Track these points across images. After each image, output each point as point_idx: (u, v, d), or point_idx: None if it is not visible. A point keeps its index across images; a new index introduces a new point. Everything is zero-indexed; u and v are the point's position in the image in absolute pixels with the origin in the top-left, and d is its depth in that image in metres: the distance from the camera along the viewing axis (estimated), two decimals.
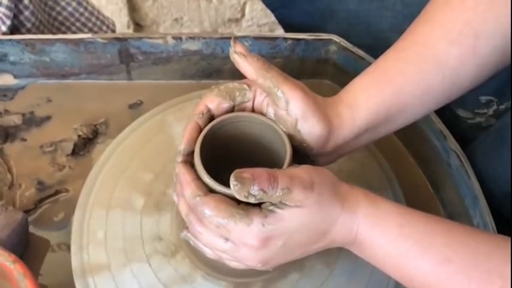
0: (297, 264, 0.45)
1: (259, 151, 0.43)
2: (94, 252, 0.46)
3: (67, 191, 0.54)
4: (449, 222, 0.38)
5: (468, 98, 0.57)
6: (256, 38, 0.60)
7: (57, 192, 0.54)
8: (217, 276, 0.45)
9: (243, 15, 1.27)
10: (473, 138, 0.56)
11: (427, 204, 0.55)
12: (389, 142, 0.59)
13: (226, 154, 0.42)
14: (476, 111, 0.60)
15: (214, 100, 0.41)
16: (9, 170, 0.55)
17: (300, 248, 0.38)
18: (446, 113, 0.58)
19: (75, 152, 0.57)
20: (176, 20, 1.26)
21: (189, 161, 0.40)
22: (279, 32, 0.99)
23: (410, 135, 0.58)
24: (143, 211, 0.48)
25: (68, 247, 0.48)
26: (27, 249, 0.49)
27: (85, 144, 0.57)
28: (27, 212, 0.51)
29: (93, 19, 0.73)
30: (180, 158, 0.40)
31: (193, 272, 0.45)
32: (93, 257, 0.46)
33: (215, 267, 0.45)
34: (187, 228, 0.40)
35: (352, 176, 0.52)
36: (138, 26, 1.26)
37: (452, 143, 0.53)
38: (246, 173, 0.35)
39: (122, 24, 1.22)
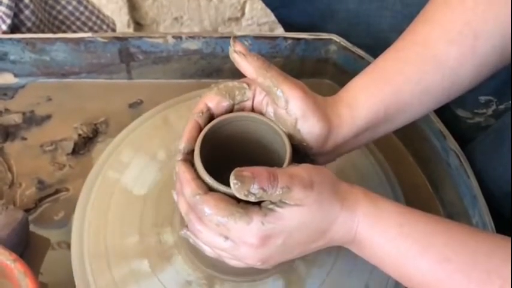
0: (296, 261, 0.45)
1: (259, 151, 0.43)
2: None
3: (67, 190, 0.54)
4: (449, 221, 0.38)
5: (467, 98, 0.58)
6: (256, 38, 0.60)
7: (57, 191, 0.54)
8: (261, 276, 0.44)
9: (243, 14, 1.27)
10: (473, 138, 0.56)
11: (427, 204, 0.55)
12: (389, 142, 0.59)
13: (226, 154, 0.42)
14: (476, 111, 0.60)
15: (213, 99, 0.41)
16: (10, 169, 0.55)
17: (299, 246, 0.38)
18: (445, 112, 0.58)
19: (75, 151, 0.57)
20: (176, 19, 1.26)
21: (188, 160, 0.40)
22: (279, 31, 0.99)
23: (410, 135, 0.58)
24: (154, 271, 0.45)
25: (68, 245, 0.48)
26: (27, 248, 0.49)
27: (85, 143, 0.58)
28: (27, 211, 0.51)
29: (94, 18, 0.73)
30: (179, 157, 0.40)
31: (169, 229, 0.45)
32: None
33: (255, 271, 0.44)
34: (186, 226, 0.40)
35: (351, 176, 0.52)
36: (138, 24, 1.26)
37: (452, 143, 0.53)
38: (246, 171, 0.35)
39: (122, 23, 1.22)
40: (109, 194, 0.50)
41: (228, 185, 0.36)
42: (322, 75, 0.64)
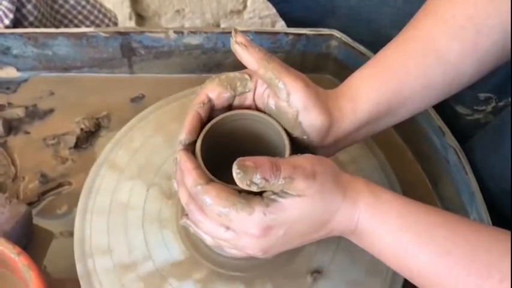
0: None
1: (260, 149, 0.43)
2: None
3: (70, 184, 0.55)
4: (450, 214, 0.38)
5: (467, 95, 0.58)
6: (258, 33, 0.60)
7: (60, 185, 0.54)
8: (184, 240, 0.46)
9: (244, 7, 1.26)
10: (472, 135, 0.57)
11: (425, 200, 0.54)
12: (389, 138, 0.59)
13: (226, 152, 0.42)
14: (475, 108, 0.60)
15: (215, 90, 0.41)
16: (13, 163, 0.55)
17: (300, 237, 0.38)
18: (445, 109, 0.58)
19: (77, 145, 0.57)
20: (178, 11, 1.25)
21: (189, 150, 0.40)
22: (281, 24, 0.99)
23: (410, 131, 0.58)
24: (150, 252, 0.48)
25: (70, 233, 0.49)
26: (31, 240, 0.50)
27: (87, 138, 0.58)
28: (30, 204, 0.52)
29: (95, 12, 0.73)
30: (180, 148, 0.40)
31: (169, 221, 0.47)
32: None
33: (189, 237, 0.46)
34: (186, 215, 0.40)
35: (350, 172, 0.52)
36: (140, 17, 1.26)
37: (451, 140, 0.54)
38: (249, 161, 0.35)
39: (123, 15, 1.22)
40: (158, 126, 0.53)
41: (228, 182, 0.36)
42: (323, 70, 0.64)
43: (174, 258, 0.46)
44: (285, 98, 0.39)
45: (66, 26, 0.71)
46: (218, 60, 0.62)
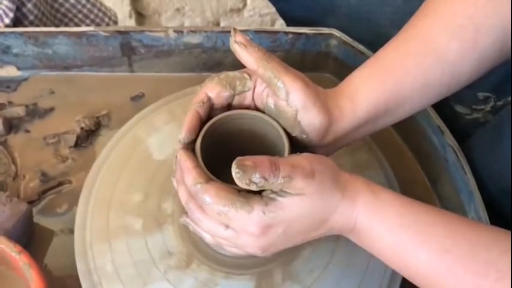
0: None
1: (259, 148, 0.43)
2: (109, 287, 0.44)
3: (70, 182, 0.55)
4: (449, 213, 0.38)
5: (466, 94, 0.58)
6: (257, 32, 0.60)
7: (60, 184, 0.54)
8: (237, 272, 0.45)
9: (244, 5, 1.26)
10: (471, 134, 0.57)
11: (424, 199, 0.55)
12: (388, 137, 0.59)
13: (225, 152, 0.42)
14: (474, 107, 0.60)
15: (214, 89, 0.41)
16: (14, 162, 0.55)
17: (299, 235, 0.38)
18: (444, 108, 0.58)
19: (77, 144, 0.57)
20: (178, 9, 1.26)
21: (189, 149, 0.40)
22: (281, 22, 0.99)
23: (409, 131, 0.58)
24: (144, 231, 0.47)
25: (70, 231, 0.49)
26: (31, 239, 0.50)
27: (87, 136, 0.58)
28: (30, 203, 0.52)
29: (95, 11, 0.73)
30: (180, 146, 0.40)
31: (212, 276, 0.45)
32: None
33: (233, 265, 0.45)
34: (186, 213, 0.40)
35: (348, 171, 0.52)
36: (140, 15, 1.26)
37: (449, 139, 0.54)
38: (248, 160, 0.35)
39: (123, 14, 1.22)
40: (158, 124, 0.53)
41: (227, 181, 0.37)
42: (323, 69, 0.64)
43: (164, 238, 0.46)
44: (284, 97, 0.39)
45: (66, 24, 0.71)
46: (218, 59, 0.62)
